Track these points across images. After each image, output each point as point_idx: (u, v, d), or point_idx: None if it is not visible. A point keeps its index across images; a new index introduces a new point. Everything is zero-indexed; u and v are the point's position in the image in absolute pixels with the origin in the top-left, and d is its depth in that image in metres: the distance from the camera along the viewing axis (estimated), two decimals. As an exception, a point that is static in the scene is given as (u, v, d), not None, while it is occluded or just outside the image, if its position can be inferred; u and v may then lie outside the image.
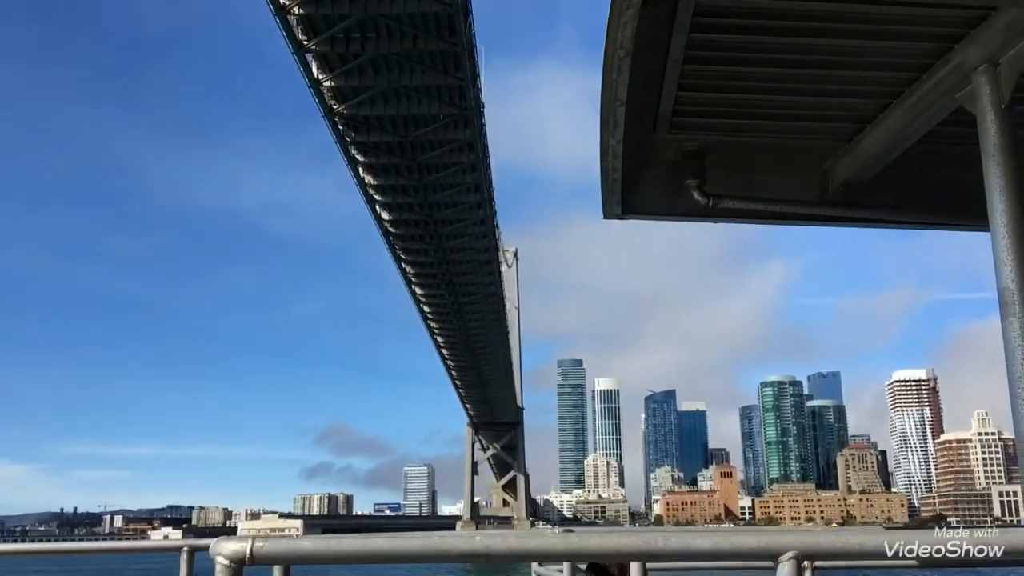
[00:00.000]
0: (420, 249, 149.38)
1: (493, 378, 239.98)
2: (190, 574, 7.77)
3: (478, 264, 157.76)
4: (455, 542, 3.17)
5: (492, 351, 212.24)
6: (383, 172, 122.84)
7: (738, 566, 8.42)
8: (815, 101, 7.66)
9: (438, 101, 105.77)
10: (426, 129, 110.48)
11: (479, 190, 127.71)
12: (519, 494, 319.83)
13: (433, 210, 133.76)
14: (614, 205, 8.07)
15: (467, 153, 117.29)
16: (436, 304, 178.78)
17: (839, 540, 3.38)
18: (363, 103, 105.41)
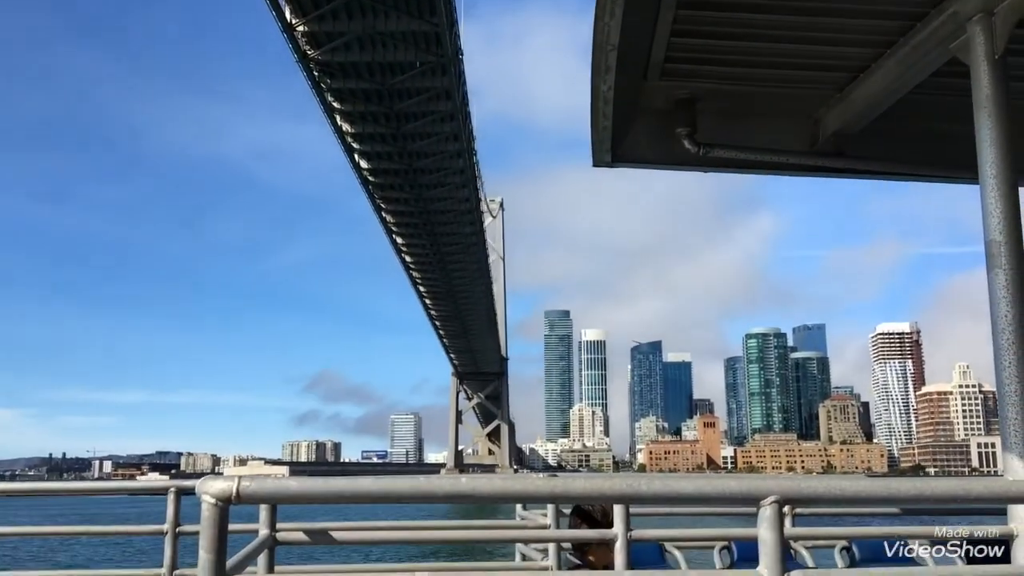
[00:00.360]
0: (400, 198, 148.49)
1: (476, 328, 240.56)
2: (177, 515, 7.83)
3: (459, 214, 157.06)
4: (441, 483, 3.18)
5: (475, 301, 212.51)
6: (360, 120, 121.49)
7: (720, 511, 8.55)
8: (808, 49, 7.58)
9: (414, 48, 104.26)
10: (403, 76, 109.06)
11: (458, 139, 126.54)
12: (503, 443, 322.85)
13: (412, 159, 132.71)
14: (604, 153, 8.05)
15: (445, 102, 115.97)
16: (417, 254, 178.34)
17: (820, 485, 3.44)
18: (338, 49, 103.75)
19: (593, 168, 8.34)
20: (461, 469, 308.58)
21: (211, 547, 2.97)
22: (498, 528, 8.35)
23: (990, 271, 5.78)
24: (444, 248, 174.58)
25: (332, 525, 5.75)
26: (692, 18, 7.06)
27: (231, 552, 3.15)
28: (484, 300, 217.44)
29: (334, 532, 5.60)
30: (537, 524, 7.75)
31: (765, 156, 8.31)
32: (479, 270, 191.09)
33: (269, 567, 4.63)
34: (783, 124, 8.35)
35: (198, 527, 2.92)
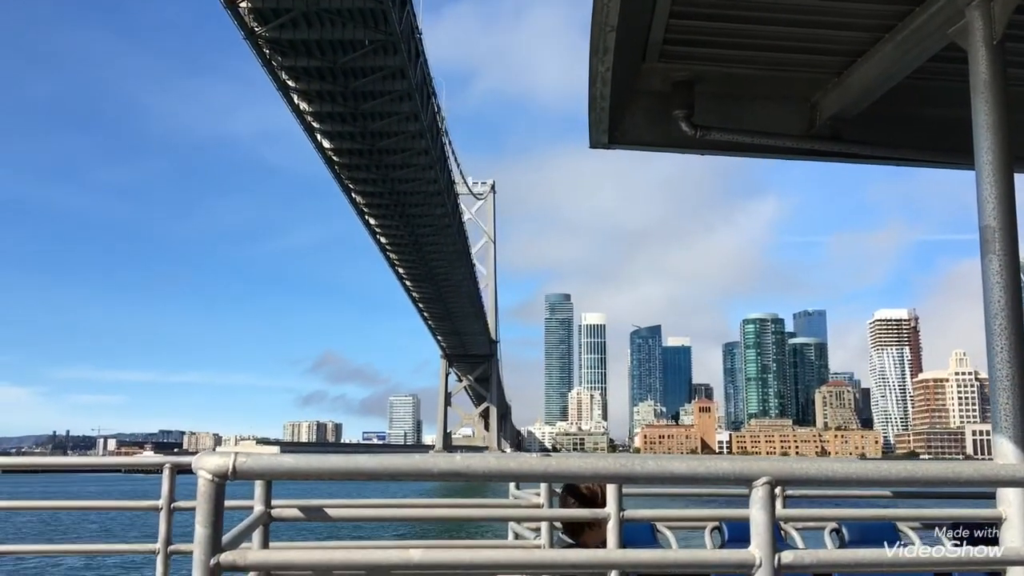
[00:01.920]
0: (368, 179, 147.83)
1: (460, 311, 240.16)
2: (172, 491, 7.89)
3: (428, 196, 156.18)
4: (437, 461, 3.19)
5: (456, 284, 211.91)
6: (318, 99, 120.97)
7: (712, 492, 8.57)
8: (806, 32, 7.53)
9: (362, 26, 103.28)
10: (353, 55, 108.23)
11: (418, 119, 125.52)
12: (492, 424, 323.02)
13: (375, 139, 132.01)
14: (601, 134, 8.04)
15: (400, 81, 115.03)
16: (392, 236, 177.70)
17: (811, 467, 3.48)
18: (285, 26, 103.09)
19: (590, 149, 8.42)
20: (449, 450, 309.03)
21: (207, 522, 2.98)
22: (491, 507, 8.37)
23: (984, 257, 5.85)
24: (418, 230, 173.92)
25: (327, 502, 5.83)
26: (691, 0, 7.07)
27: (226, 528, 3.14)
28: (466, 283, 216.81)
29: (328, 509, 5.65)
30: (530, 503, 7.78)
31: (762, 139, 8.31)
32: (456, 252, 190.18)
33: (264, 543, 4.60)
34: (780, 107, 8.35)
35: (193, 503, 2.97)
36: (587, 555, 3.97)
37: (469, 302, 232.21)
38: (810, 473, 3.48)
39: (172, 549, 7.92)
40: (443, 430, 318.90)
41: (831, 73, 8.13)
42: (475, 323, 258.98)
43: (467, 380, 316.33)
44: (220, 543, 3.03)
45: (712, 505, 9.20)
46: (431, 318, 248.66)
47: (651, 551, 4.17)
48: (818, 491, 8.65)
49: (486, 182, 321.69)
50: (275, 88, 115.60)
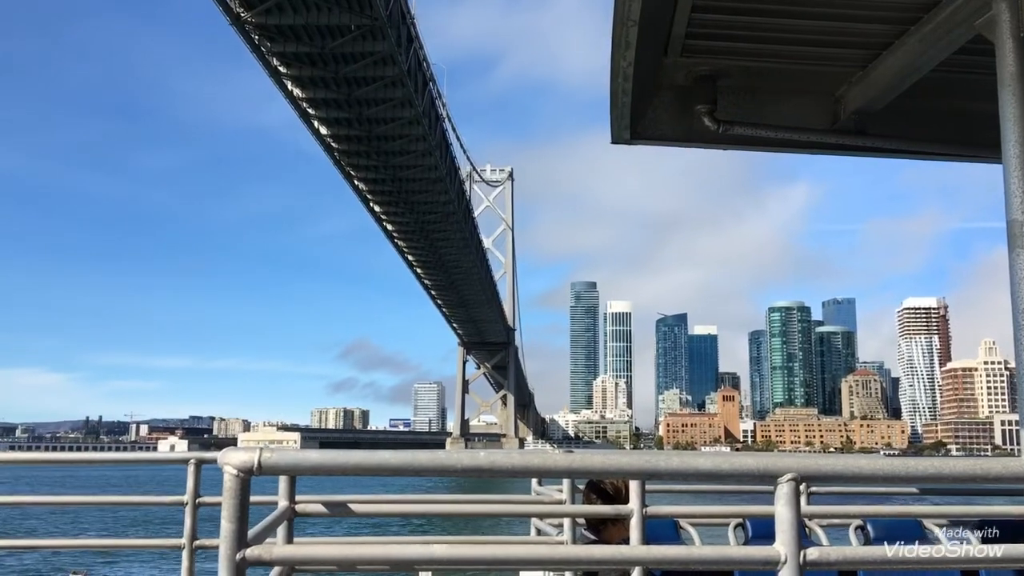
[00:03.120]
0: (368, 166, 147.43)
1: (473, 298, 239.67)
2: (197, 485, 7.97)
3: (430, 183, 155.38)
4: (460, 457, 3.20)
5: (467, 271, 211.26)
6: (311, 84, 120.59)
7: (736, 489, 8.50)
8: (830, 26, 7.42)
9: (348, 11, 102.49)
10: (341, 40, 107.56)
11: (412, 105, 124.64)
12: (509, 412, 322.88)
13: (372, 125, 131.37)
14: (623, 130, 7.98)
15: (391, 66, 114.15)
16: (399, 223, 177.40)
17: (838, 463, 3.44)
18: (271, 11, 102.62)
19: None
20: (467, 438, 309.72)
21: (233, 517, 3.00)
22: (513, 503, 8.31)
23: (1012, 251, 5.80)
24: (424, 217, 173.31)
25: (350, 498, 5.89)
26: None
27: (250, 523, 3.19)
28: (478, 270, 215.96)
29: (352, 504, 5.70)
30: (552, 500, 7.71)
31: (786, 134, 8.20)
32: (463, 239, 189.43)
33: (288, 538, 4.63)
34: (804, 102, 8.27)
35: (218, 498, 3.01)
36: (612, 551, 3.93)
37: (481, 289, 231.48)
38: (836, 469, 3.45)
39: (198, 544, 7.98)
40: (460, 417, 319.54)
41: (856, 67, 7.99)
42: (489, 310, 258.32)
43: (485, 368, 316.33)
44: (246, 538, 3.05)
45: (728, 502, 9.13)
46: (445, 305, 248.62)
47: (676, 547, 4.14)
48: (843, 488, 8.57)
49: (504, 169, 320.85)
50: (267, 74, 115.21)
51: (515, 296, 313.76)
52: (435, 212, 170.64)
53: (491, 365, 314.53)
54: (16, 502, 10.77)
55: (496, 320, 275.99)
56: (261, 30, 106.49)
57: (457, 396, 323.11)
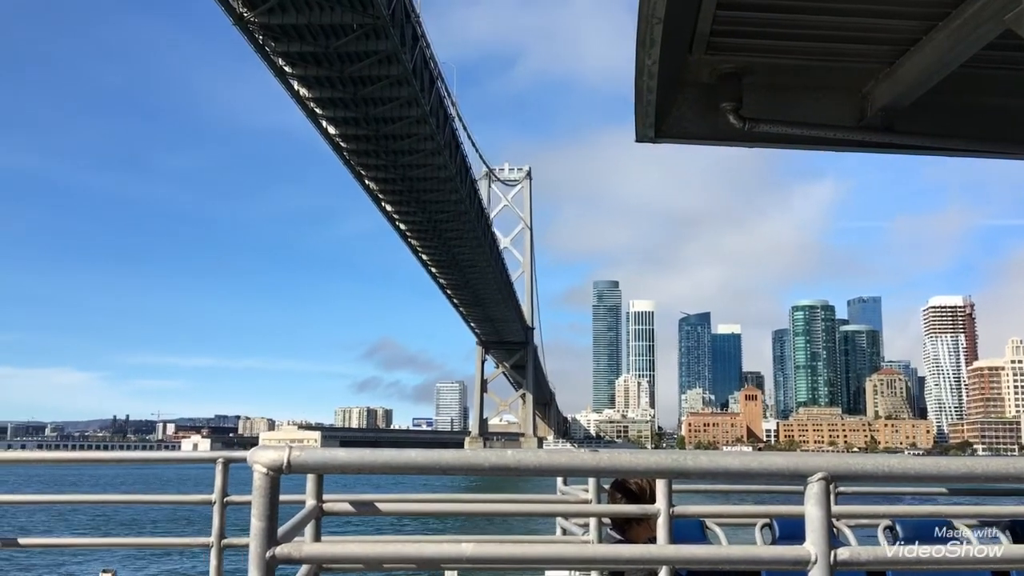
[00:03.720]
0: (378, 165, 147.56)
1: (489, 297, 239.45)
2: (225, 484, 8.03)
3: (441, 181, 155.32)
4: (487, 456, 3.22)
5: (481, 269, 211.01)
6: (317, 84, 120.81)
7: (764, 489, 8.46)
8: (856, 22, 7.34)
9: (350, 10, 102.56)
10: (344, 39, 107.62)
11: (418, 104, 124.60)
12: (527, 411, 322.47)
13: (379, 124, 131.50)
14: (648, 128, 7.98)
15: (396, 65, 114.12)
16: (411, 222, 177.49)
17: (868, 463, 3.42)
18: (274, 11, 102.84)
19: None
20: (485, 438, 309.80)
21: (263, 515, 3.02)
22: (539, 502, 8.36)
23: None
24: (436, 216, 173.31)
25: (377, 497, 5.94)
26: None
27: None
28: (492, 269, 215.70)
29: (379, 503, 5.75)
30: (578, 499, 7.75)
31: (812, 131, 8.15)
32: (476, 238, 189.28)
33: (315, 536, 4.69)
34: (830, 99, 8.19)
35: (245, 497, 3.07)
36: (640, 551, 3.90)
37: (496, 288, 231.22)
38: (867, 469, 3.41)
39: (226, 543, 7.98)
40: (479, 417, 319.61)
41: (882, 63, 7.81)
42: (506, 309, 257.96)
43: (503, 367, 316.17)
44: (276, 536, 3.06)
45: (754, 501, 9.07)
46: (461, 304, 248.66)
47: (704, 547, 4.14)
48: (873, 487, 8.40)
49: (522, 168, 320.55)
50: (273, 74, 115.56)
51: (533, 295, 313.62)
52: (447, 211, 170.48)
53: (510, 364, 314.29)
54: (43, 500, 10.89)
55: (513, 319, 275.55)
56: (265, 30, 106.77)
57: (476, 395, 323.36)
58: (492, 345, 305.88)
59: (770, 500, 8.26)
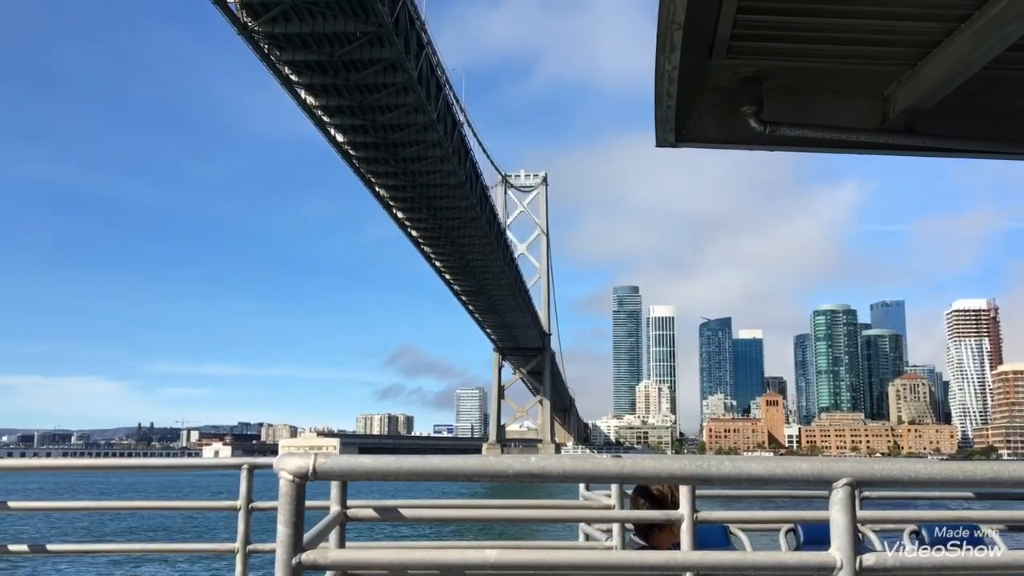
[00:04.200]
0: (388, 172, 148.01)
1: (504, 303, 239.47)
2: (250, 490, 8.09)
3: (451, 188, 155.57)
4: (511, 463, 3.23)
5: (494, 276, 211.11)
6: (323, 92, 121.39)
7: (787, 494, 8.37)
8: (877, 24, 7.29)
9: (353, 18, 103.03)
10: (349, 47, 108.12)
11: (424, 111, 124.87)
12: (545, 418, 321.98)
13: (386, 132, 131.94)
14: (668, 132, 7.98)
15: (400, 73, 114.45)
16: (423, 229, 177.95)
17: (894, 468, 3.39)
18: (277, 20, 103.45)
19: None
20: (503, 444, 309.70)
21: (289, 521, 3.04)
22: (562, 507, 8.37)
23: None
24: (447, 223, 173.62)
25: (401, 503, 5.94)
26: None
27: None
28: (506, 275, 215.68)
29: (403, 509, 5.78)
30: (601, 504, 7.82)
31: (833, 134, 8.09)
32: (488, 245, 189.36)
33: (340, 542, 4.73)
34: (852, 101, 8.14)
35: (270, 503, 3.13)
36: (664, 556, 3.91)
37: (511, 294, 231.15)
38: (892, 474, 3.38)
39: (251, 548, 8.01)
40: (497, 423, 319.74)
41: (904, 65, 7.69)
42: (521, 316, 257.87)
43: (520, 373, 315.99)
44: (301, 542, 3.08)
45: (778, 507, 9.05)
46: (477, 311, 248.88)
47: (728, 553, 4.11)
48: (898, 492, 8.37)
49: (538, 174, 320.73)
50: (279, 83, 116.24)
51: (550, 301, 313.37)
52: (458, 217, 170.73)
53: (527, 370, 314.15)
54: (69, 507, 10.98)
55: (529, 325, 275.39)
56: (270, 39, 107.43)
57: (493, 402, 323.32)
58: (509, 351, 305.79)
59: (794, 505, 8.21)
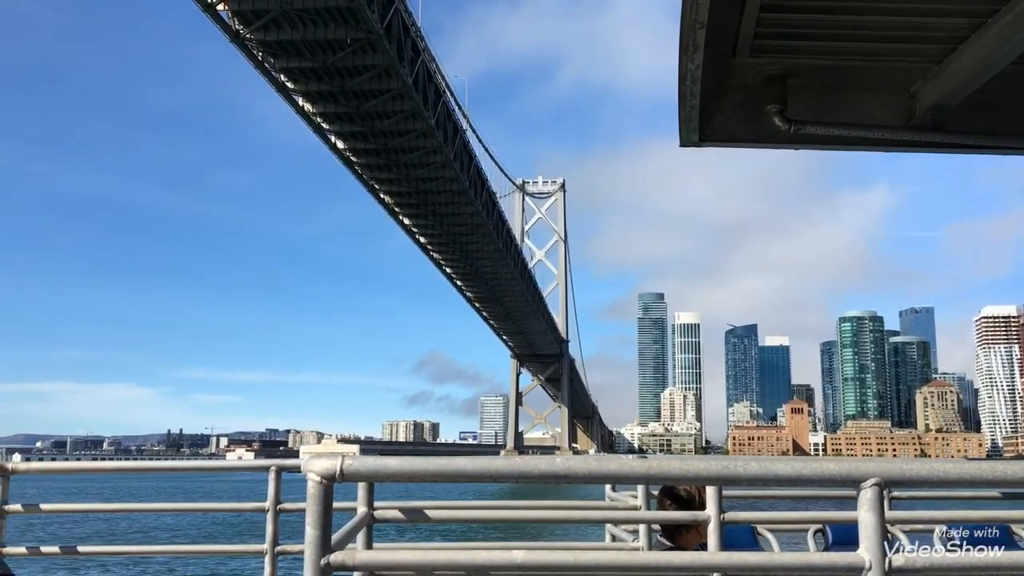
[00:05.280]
0: (390, 179, 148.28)
1: (518, 310, 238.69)
2: (278, 493, 8.18)
3: (453, 194, 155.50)
4: (536, 463, 3.25)
5: (506, 282, 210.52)
6: (320, 99, 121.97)
7: (816, 494, 8.37)
8: (903, 21, 7.23)
9: (343, 25, 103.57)
10: (341, 54, 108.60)
11: (421, 118, 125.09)
12: (563, 424, 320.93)
13: (386, 138, 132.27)
14: (692, 132, 7.98)
15: (395, 80, 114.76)
16: (431, 236, 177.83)
17: (923, 468, 3.37)
18: (269, 27, 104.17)
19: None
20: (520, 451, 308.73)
21: (317, 523, 3.08)
22: (589, 508, 8.42)
23: None
24: (454, 229, 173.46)
25: (426, 504, 5.98)
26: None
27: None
28: (518, 282, 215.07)
29: (429, 511, 5.81)
30: (627, 505, 7.87)
31: (859, 132, 8.05)
32: (497, 251, 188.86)
33: (367, 544, 4.77)
34: (878, 99, 8.11)
35: (297, 504, 3.18)
36: (692, 557, 3.94)
37: (524, 301, 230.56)
38: (921, 474, 3.35)
39: (279, 550, 8.04)
40: (515, 430, 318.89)
41: (930, 62, 7.61)
42: (536, 322, 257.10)
43: (538, 380, 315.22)
44: (330, 543, 3.11)
45: (806, 508, 9.07)
46: (491, 318, 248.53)
47: (756, 554, 4.12)
48: (927, 493, 8.27)
49: (555, 181, 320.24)
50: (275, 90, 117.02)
51: (567, 308, 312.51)
52: (464, 224, 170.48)
53: (545, 377, 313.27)
54: (103, 509, 11.06)
55: (545, 332, 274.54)
56: (264, 46, 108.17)
57: (511, 408, 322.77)
58: (526, 358, 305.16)
59: (822, 506, 8.19)
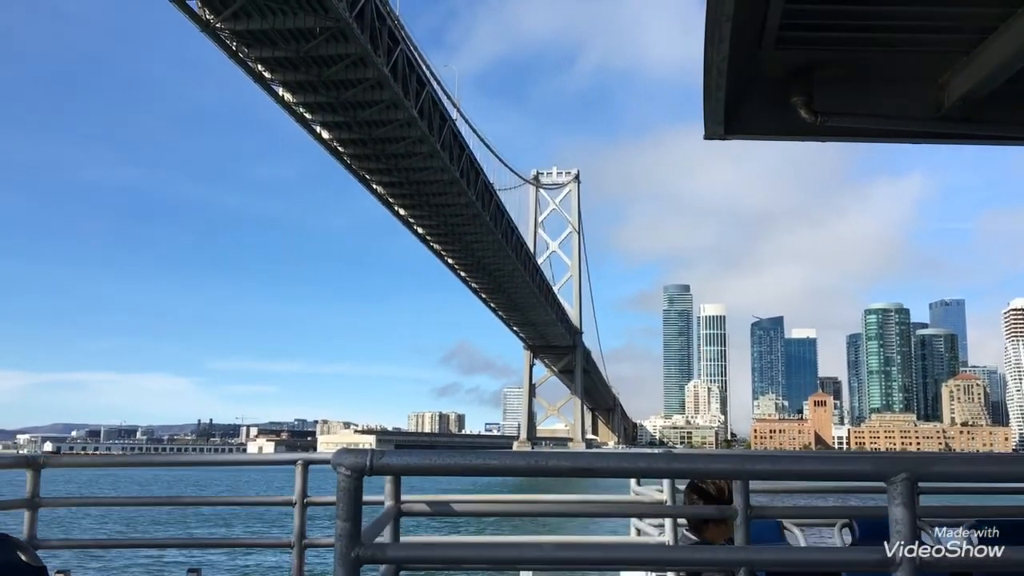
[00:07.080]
0: (380, 169, 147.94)
1: (525, 301, 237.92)
2: (304, 486, 8.21)
3: (444, 184, 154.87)
4: (560, 459, 3.29)
5: (509, 273, 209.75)
6: (299, 89, 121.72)
7: (844, 487, 8.39)
8: (930, 11, 7.09)
9: (312, 14, 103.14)
10: (313, 43, 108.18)
11: (402, 108, 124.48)
12: (576, 416, 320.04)
13: (370, 128, 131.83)
14: (717, 125, 7.92)
15: (370, 69, 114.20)
16: (427, 226, 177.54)
17: (953, 462, 3.33)
18: (238, 16, 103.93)
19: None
20: (533, 442, 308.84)
21: (347, 516, 3.13)
22: (615, 503, 8.43)
23: None
24: (451, 220, 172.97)
25: (453, 497, 6.07)
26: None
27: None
28: (521, 273, 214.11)
29: (455, 504, 5.92)
30: (652, 499, 7.90)
31: (886, 124, 7.97)
32: (496, 242, 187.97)
33: (394, 536, 4.82)
34: (905, 90, 7.93)
35: (325, 498, 3.28)
36: (720, 552, 3.91)
37: (529, 292, 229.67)
38: (952, 468, 3.32)
39: (307, 543, 8.08)
40: (529, 421, 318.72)
41: (959, 52, 7.45)
42: (544, 313, 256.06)
43: (552, 371, 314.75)
44: (359, 537, 3.15)
45: (833, 502, 9.08)
46: (499, 308, 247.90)
47: (783, 548, 4.09)
48: (958, 487, 8.18)
49: (569, 172, 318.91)
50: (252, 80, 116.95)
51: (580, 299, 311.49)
52: (460, 214, 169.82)
53: (558, 368, 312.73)
54: (132, 502, 11.21)
55: (555, 323, 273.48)
56: (237, 36, 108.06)
57: (524, 399, 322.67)
58: (540, 349, 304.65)
59: (849, 500, 8.01)
